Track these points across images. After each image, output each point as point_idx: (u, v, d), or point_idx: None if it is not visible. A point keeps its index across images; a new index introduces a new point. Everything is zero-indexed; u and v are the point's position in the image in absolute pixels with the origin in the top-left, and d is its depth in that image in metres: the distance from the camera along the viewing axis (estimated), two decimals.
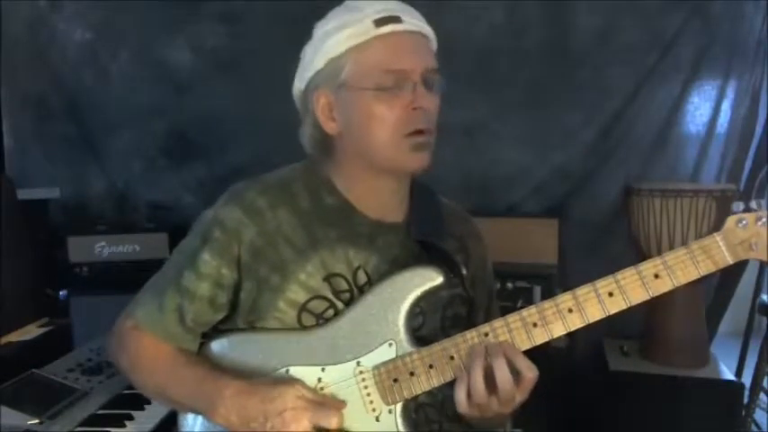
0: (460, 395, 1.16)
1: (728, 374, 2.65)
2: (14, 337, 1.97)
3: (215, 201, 1.31)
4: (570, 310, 1.15)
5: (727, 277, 2.97)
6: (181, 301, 1.26)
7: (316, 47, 1.25)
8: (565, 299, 1.16)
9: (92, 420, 1.67)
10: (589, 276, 1.17)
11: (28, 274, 2.16)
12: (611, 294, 1.14)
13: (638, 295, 1.13)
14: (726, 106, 3.02)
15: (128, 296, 1.33)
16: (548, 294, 2.72)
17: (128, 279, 2.72)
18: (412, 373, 1.19)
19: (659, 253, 2.80)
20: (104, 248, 2.86)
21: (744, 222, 1.09)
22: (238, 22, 3.17)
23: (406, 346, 1.21)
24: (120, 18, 3.19)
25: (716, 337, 3.02)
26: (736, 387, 2.58)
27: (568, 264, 2.88)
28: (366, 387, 1.21)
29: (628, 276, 1.14)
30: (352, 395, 1.21)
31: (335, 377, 1.22)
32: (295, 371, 1.22)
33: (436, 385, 1.20)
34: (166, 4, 3.17)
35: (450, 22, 1.31)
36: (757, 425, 2.89)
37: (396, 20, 1.21)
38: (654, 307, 2.62)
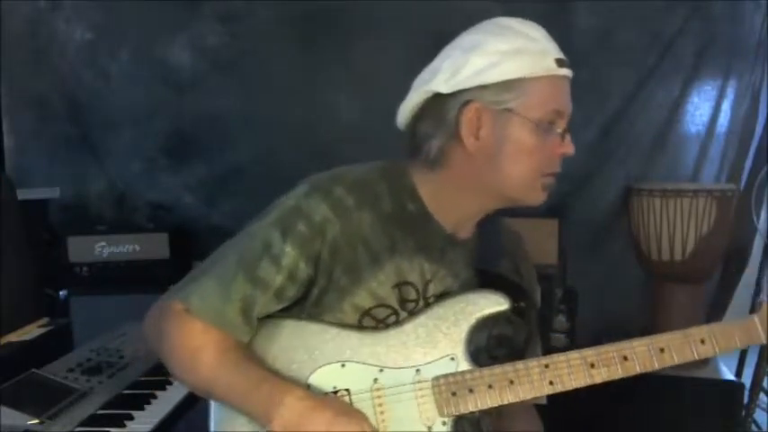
0: None
1: (728, 374, 2.65)
2: (14, 337, 1.96)
3: (215, 201, 1.29)
4: (625, 358, 1.23)
5: (727, 278, 2.96)
6: (252, 291, 1.19)
7: (487, 62, 1.20)
8: (623, 347, 1.25)
9: (92, 420, 1.66)
10: (589, 276, 1.18)
11: (28, 274, 2.16)
12: (662, 351, 1.24)
13: (685, 355, 1.24)
14: (726, 106, 3.03)
15: (128, 296, 1.31)
16: (548, 294, 2.72)
17: (128, 279, 2.72)
18: (470, 390, 1.20)
19: (659, 253, 2.81)
20: (104, 248, 2.86)
21: None
22: (238, 22, 3.17)
23: (465, 363, 1.22)
24: (120, 18, 3.19)
25: None
26: (736, 387, 2.58)
27: (568, 264, 2.87)
28: (423, 396, 1.20)
29: (677, 338, 1.25)
30: (407, 401, 1.20)
31: (393, 381, 1.20)
32: (351, 366, 1.21)
33: (492, 405, 1.20)
34: (166, 4, 3.17)
35: (450, 23, 1.31)
36: (757, 425, 2.89)
37: (568, 65, 1.23)
38: (654, 307, 2.64)
